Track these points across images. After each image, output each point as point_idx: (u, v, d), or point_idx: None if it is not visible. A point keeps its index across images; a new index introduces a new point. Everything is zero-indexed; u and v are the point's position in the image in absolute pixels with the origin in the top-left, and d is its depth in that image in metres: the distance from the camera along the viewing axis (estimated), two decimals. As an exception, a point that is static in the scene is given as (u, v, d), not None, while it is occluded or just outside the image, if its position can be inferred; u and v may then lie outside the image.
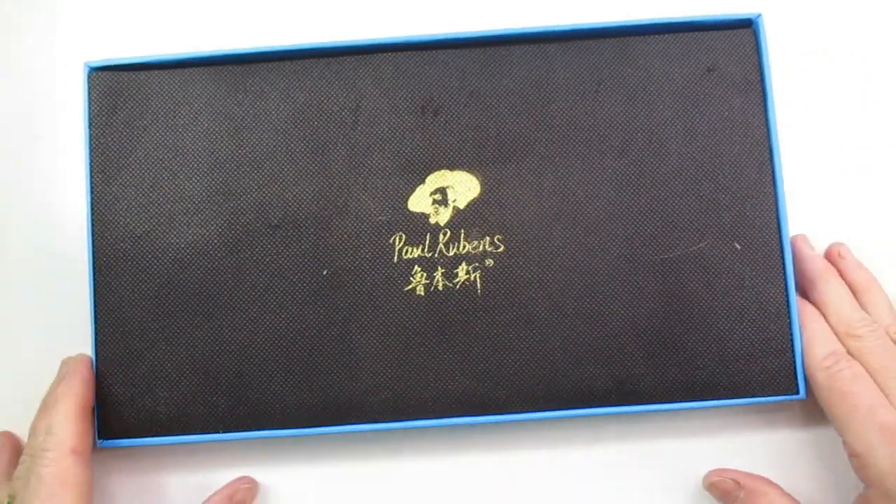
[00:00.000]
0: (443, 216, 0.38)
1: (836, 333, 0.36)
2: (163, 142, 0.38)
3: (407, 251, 0.37)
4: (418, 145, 0.38)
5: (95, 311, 0.37)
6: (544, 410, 0.37)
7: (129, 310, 0.37)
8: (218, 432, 0.37)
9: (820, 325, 0.37)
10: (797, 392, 0.37)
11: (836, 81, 0.41)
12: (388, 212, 0.38)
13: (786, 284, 0.37)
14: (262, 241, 0.38)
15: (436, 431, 0.39)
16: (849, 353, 0.36)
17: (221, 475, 0.39)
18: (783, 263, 0.37)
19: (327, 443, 0.39)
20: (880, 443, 0.33)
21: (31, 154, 0.42)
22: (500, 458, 0.39)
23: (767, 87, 0.38)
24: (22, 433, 0.39)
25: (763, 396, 0.37)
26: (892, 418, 0.33)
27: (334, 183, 0.38)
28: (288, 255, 0.37)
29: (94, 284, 0.37)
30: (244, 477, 0.39)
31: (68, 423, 0.35)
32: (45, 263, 0.41)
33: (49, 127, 0.42)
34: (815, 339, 0.36)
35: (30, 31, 0.42)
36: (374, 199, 0.38)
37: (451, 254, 0.37)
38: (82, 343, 0.38)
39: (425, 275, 0.37)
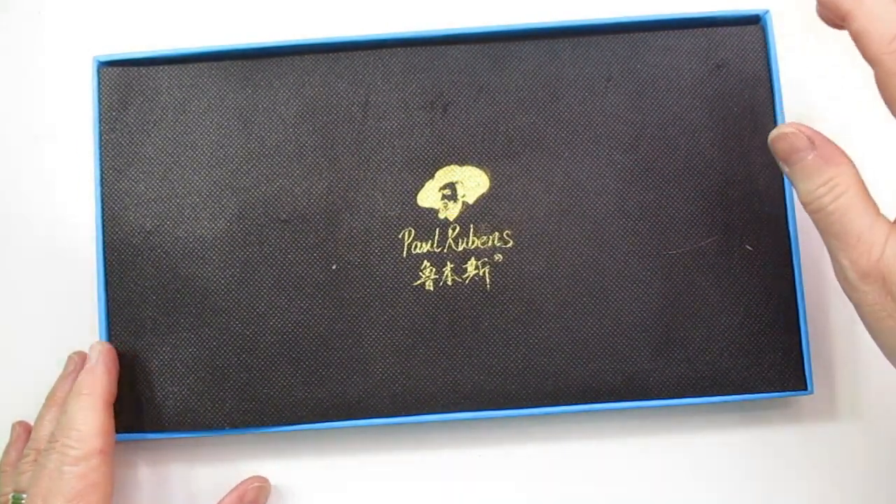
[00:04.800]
0: (452, 211, 0.38)
1: None
2: (172, 136, 0.38)
3: (416, 246, 0.38)
4: (427, 140, 0.38)
5: (106, 305, 0.37)
6: (553, 405, 0.37)
7: (139, 304, 0.37)
8: (226, 428, 0.37)
9: (873, 2, 0.29)
10: (805, 388, 0.37)
11: (844, 77, 0.41)
12: (397, 207, 0.38)
13: (794, 279, 0.37)
14: (270, 236, 0.38)
15: (444, 426, 0.39)
16: None
17: (229, 470, 0.39)
18: (791, 259, 0.37)
19: (336, 438, 0.39)
20: None
21: (40, 148, 0.42)
22: (508, 452, 0.39)
23: (776, 83, 0.38)
24: (30, 428, 0.39)
25: (771, 392, 0.37)
26: None
27: (343, 178, 0.38)
28: (297, 250, 0.38)
29: (105, 279, 0.37)
30: (255, 476, 0.38)
31: (94, 421, 0.34)
32: (54, 258, 0.41)
33: (57, 121, 0.42)
34: (874, 13, 0.28)
35: (38, 25, 0.43)
36: (383, 194, 0.38)
37: (460, 249, 0.37)
38: (91, 337, 0.38)
39: (434, 270, 0.37)
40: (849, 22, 0.29)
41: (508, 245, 0.37)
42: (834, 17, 0.30)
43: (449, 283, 0.37)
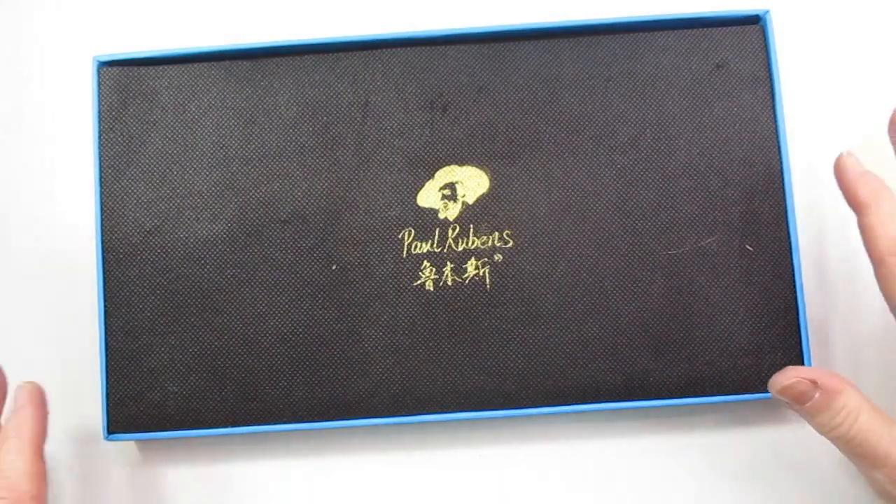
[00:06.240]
0: (452, 211, 0.38)
1: None
2: (172, 137, 0.38)
3: (416, 246, 0.38)
4: (427, 140, 0.38)
5: (105, 306, 0.37)
6: (552, 405, 0.37)
7: (139, 304, 0.37)
8: (226, 427, 0.37)
9: (889, 203, 0.32)
10: (805, 388, 0.37)
11: (844, 77, 0.41)
12: (396, 207, 0.38)
13: (794, 279, 0.37)
14: (270, 236, 0.38)
15: (444, 426, 0.39)
16: None
17: (230, 469, 0.39)
18: (791, 258, 0.37)
19: (336, 437, 0.39)
20: None
21: (39, 148, 0.42)
22: (507, 452, 0.39)
23: (776, 83, 0.38)
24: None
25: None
26: None
27: (343, 178, 0.38)
28: (297, 250, 0.38)
29: (104, 279, 0.37)
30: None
31: (23, 465, 0.32)
32: (54, 258, 0.41)
33: (57, 121, 0.42)
34: (886, 216, 0.32)
35: (38, 24, 0.42)
36: (382, 194, 0.38)
37: (460, 249, 0.37)
38: (91, 338, 0.38)
39: (434, 270, 0.37)
40: (862, 214, 0.32)
41: (508, 245, 0.37)
42: (850, 201, 0.33)
43: (449, 283, 0.37)
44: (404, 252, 0.37)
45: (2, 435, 0.33)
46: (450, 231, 0.38)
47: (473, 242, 0.37)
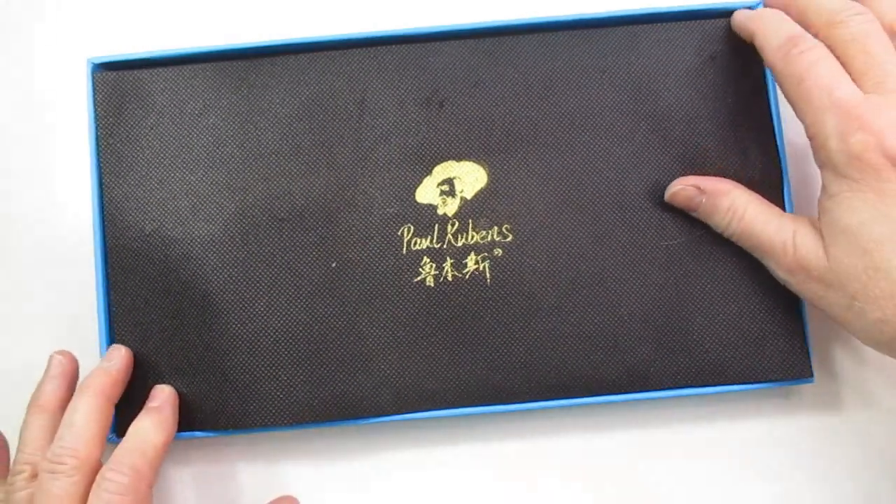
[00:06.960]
0: (451, 207, 0.38)
1: (815, 29, 0.33)
2: (169, 138, 0.38)
3: (415, 242, 0.38)
4: (424, 137, 0.38)
5: (109, 310, 0.37)
6: (555, 399, 0.37)
7: (143, 307, 0.37)
8: (228, 429, 0.37)
9: (775, 12, 0.35)
10: (809, 376, 0.37)
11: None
12: (395, 204, 0.38)
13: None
14: (269, 235, 0.38)
15: (447, 421, 0.39)
16: (831, 46, 0.32)
17: (231, 471, 0.39)
18: (790, 248, 0.37)
19: (339, 436, 0.39)
20: (832, 121, 0.31)
21: (35, 152, 0.42)
22: (511, 446, 0.39)
23: (770, 74, 0.38)
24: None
25: (773, 381, 0.37)
26: (849, 92, 0.31)
27: (341, 176, 0.38)
28: (296, 249, 0.37)
29: (107, 283, 0.37)
30: (287, 497, 0.38)
31: (158, 461, 0.34)
32: (57, 264, 0.41)
33: (51, 125, 0.42)
34: (769, 27, 0.34)
35: (34, 28, 0.43)
36: (381, 191, 0.38)
37: (460, 244, 0.37)
38: (91, 342, 0.38)
39: (434, 265, 0.37)
40: (753, 38, 0.35)
41: (508, 239, 0.38)
42: (744, 37, 0.36)
43: (449, 278, 0.37)
44: (404, 248, 0.38)
45: (87, 399, 0.34)
46: (449, 227, 0.38)
47: (473, 237, 0.37)
